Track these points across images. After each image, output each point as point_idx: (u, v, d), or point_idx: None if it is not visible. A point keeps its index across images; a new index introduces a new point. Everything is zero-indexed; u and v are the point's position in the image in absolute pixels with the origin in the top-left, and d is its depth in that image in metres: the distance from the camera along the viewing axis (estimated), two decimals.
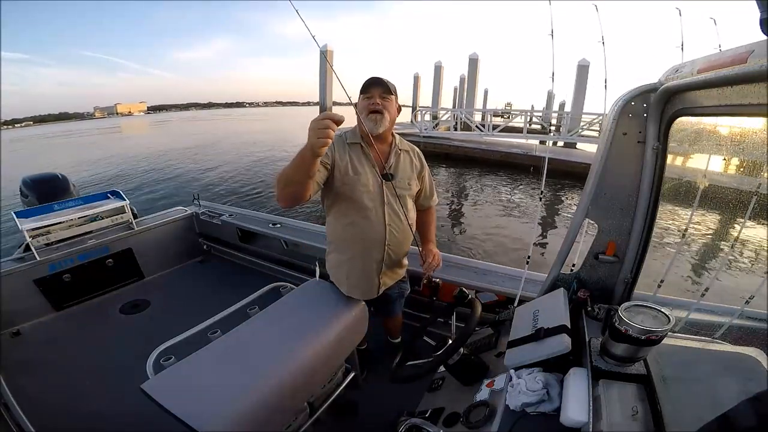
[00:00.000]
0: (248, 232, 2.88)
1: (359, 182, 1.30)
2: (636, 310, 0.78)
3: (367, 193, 1.32)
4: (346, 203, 1.33)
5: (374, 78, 1.28)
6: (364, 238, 1.35)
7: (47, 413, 1.61)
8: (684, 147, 1.08)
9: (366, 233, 1.34)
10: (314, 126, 0.95)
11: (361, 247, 1.37)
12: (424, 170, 1.50)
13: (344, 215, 1.35)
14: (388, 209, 1.35)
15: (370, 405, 1.62)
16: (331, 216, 1.40)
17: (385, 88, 1.28)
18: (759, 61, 0.55)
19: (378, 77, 1.28)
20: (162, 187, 9.80)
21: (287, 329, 1.22)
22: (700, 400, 0.79)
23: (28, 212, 2.35)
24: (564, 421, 0.74)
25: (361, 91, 1.31)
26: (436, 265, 1.47)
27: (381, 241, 1.36)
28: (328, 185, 1.32)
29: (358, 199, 1.31)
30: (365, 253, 1.38)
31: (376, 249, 1.37)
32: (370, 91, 1.28)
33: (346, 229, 1.36)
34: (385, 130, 1.32)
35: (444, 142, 12.15)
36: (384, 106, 1.28)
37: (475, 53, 17.78)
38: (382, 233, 1.35)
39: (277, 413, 1.04)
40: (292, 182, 1.11)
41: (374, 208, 1.33)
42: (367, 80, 1.29)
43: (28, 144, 33.97)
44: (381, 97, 1.28)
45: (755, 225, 1.09)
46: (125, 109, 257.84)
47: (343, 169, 1.30)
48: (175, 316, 2.28)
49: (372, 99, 1.27)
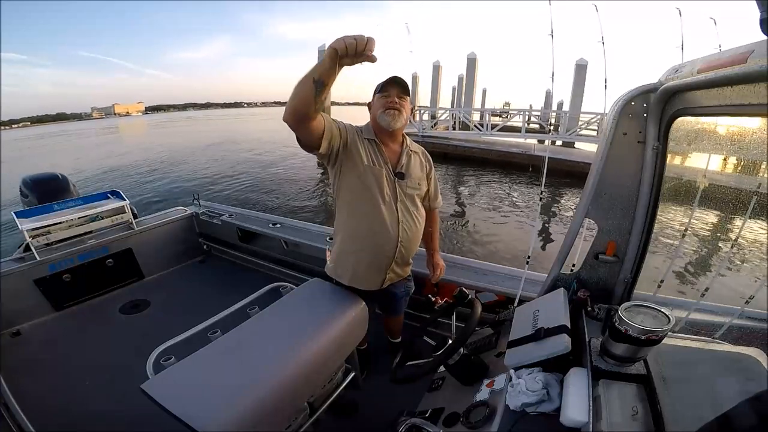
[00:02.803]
0: (248, 232, 2.88)
1: (375, 174, 1.32)
2: (636, 310, 0.78)
3: (382, 188, 1.33)
4: (361, 195, 1.33)
5: (394, 77, 1.29)
6: (377, 233, 1.36)
7: (47, 413, 1.61)
8: (684, 147, 1.08)
9: (380, 228, 1.35)
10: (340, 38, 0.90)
11: (373, 241, 1.37)
12: (432, 171, 1.53)
13: (358, 207, 1.35)
14: (401, 206, 1.37)
15: (370, 405, 1.62)
16: (344, 207, 1.40)
17: (403, 88, 1.30)
18: (759, 61, 0.55)
19: (398, 77, 1.29)
20: (162, 186, 9.81)
21: (287, 329, 1.22)
22: (700, 400, 0.79)
23: (28, 212, 2.34)
24: (564, 421, 0.74)
25: (378, 90, 1.31)
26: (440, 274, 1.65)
27: (394, 237, 1.37)
28: (344, 173, 1.32)
29: (374, 193, 1.32)
30: (377, 248, 1.39)
31: (389, 245, 1.38)
32: (388, 89, 1.29)
33: (359, 222, 1.37)
34: (398, 130, 1.35)
35: (442, 141, 12.14)
36: (401, 104, 1.30)
37: (474, 53, 17.79)
38: (396, 230, 1.36)
39: (277, 413, 1.04)
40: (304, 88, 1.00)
41: (389, 204, 1.34)
42: (387, 79, 1.30)
43: (26, 144, 33.94)
44: (398, 96, 1.30)
45: (755, 224, 1.09)
46: (123, 109, 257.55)
47: (360, 156, 1.31)
48: (175, 316, 2.28)
49: (390, 98, 1.29)
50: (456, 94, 22.47)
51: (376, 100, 1.32)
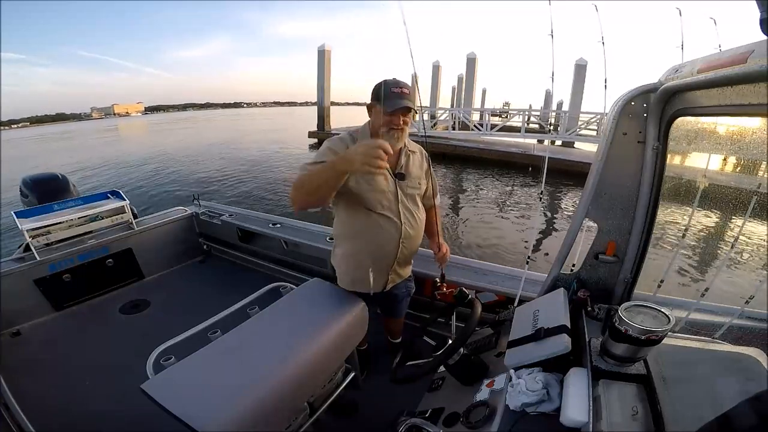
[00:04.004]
0: (248, 232, 2.88)
1: (375, 180, 1.31)
2: (636, 310, 0.78)
3: (382, 192, 1.32)
4: (361, 200, 1.33)
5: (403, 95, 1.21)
6: (378, 234, 1.36)
7: (47, 413, 1.61)
8: (684, 147, 1.08)
9: (382, 230, 1.35)
10: (366, 151, 0.97)
11: (375, 244, 1.37)
12: (430, 169, 1.51)
13: (358, 211, 1.35)
14: (402, 207, 1.37)
15: (370, 405, 1.62)
16: (343, 211, 1.40)
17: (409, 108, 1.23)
18: (759, 61, 0.55)
19: (407, 94, 1.22)
20: (162, 186, 9.81)
21: (287, 329, 1.22)
22: (700, 400, 0.79)
23: (28, 212, 2.34)
24: (564, 421, 0.74)
25: (384, 100, 1.21)
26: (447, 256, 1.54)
27: (396, 238, 1.37)
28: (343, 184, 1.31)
29: (374, 197, 1.32)
30: (378, 250, 1.39)
31: (391, 246, 1.38)
32: (396, 110, 1.21)
33: (360, 225, 1.36)
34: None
35: (442, 141, 12.14)
36: (405, 122, 1.26)
37: (473, 53, 17.80)
38: (398, 230, 1.36)
39: (277, 413, 1.04)
40: (317, 193, 1.15)
41: (390, 206, 1.34)
42: (395, 93, 1.20)
43: (23, 144, 33.93)
44: (403, 114, 1.25)
45: (756, 224, 1.09)
46: (122, 109, 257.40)
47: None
48: (175, 316, 2.28)
49: (395, 118, 1.23)
50: (456, 93, 22.48)
51: (380, 115, 1.24)
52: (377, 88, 1.25)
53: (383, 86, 1.23)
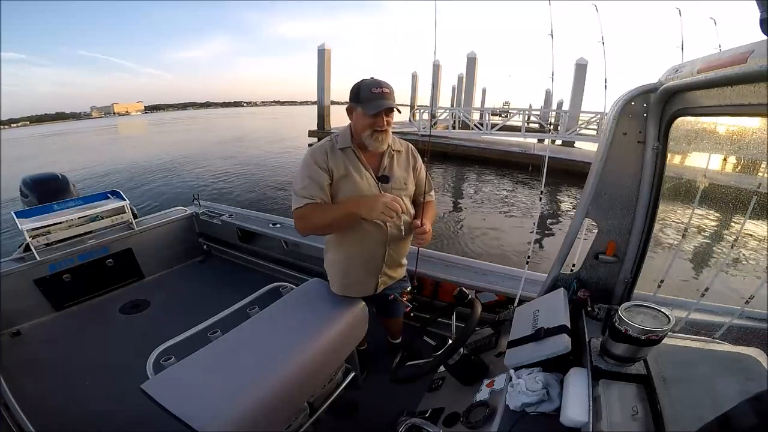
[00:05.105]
0: (248, 232, 2.88)
1: (356, 187, 1.27)
2: (636, 310, 0.78)
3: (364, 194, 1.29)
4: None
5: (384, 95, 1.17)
6: (364, 238, 1.34)
7: (47, 413, 1.61)
8: (684, 147, 1.08)
9: (366, 234, 1.33)
10: (386, 204, 1.14)
11: (361, 248, 1.36)
12: (418, 163, 1.44)
13: None
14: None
15: (370, 405, 1.62)
16: None
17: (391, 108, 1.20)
18: (759, 61, 0.55)
19: (388, 94, 1.18)
20: (162, 186, 9.81)
21: (287, 329, 1.22)
22: (700, 400, 0.79)
23: (28, 212, 2.34)
24: (564, 421, 0.74)
25: (362, 101, 1.18)
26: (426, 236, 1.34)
27: (382, 241, 1.35)
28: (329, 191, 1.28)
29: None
30: (365, 254, 1.37)
31: (377, 249, 1.37)
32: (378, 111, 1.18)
33: (346, 231, 1.34)
34: None
35: (442, 141, 12.14)
36: (389, 122, 1.22)
37: (473, 52, 17.80)
38: (383, 234, 1.34)
39: (277, 413, 1.04)
40: (327, 229, 1.31)
41: None
42: (375, 94, 1.17)
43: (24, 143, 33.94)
44: (386, 114, 1.20)
45: (756, 224, 1.09)
46: (122, 108, 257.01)
47: (339, 175, 1.26)
48: (175, 316, 2.29)
49: (378, 119, 1.19)
50: (456, 93, 22.48)
51: (362, 118, 1.20)
52: (356, 90, 1.20)
53: (362, 87, 1.19)
